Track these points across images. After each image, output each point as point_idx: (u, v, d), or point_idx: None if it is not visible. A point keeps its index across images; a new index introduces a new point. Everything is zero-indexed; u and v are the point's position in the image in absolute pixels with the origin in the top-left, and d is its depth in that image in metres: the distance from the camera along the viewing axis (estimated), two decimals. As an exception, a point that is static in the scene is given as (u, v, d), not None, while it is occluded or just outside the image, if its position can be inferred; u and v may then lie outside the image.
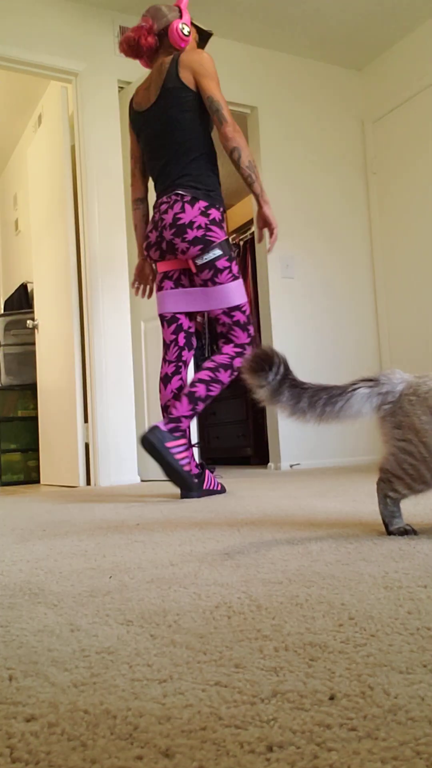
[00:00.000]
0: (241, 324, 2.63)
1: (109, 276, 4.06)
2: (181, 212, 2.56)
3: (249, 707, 0.55)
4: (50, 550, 1.44)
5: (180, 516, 1.96)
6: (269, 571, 1.09)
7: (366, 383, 1.36)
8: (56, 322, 4.28)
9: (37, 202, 4.67)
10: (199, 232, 2.55)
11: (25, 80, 4.87)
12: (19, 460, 4.67)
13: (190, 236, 2.55)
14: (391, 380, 1.36)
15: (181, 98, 2.60)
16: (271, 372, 1.35)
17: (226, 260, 2.58)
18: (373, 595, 0.89)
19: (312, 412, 1.35)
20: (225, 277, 2.59)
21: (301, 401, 1.35)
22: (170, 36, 2.69)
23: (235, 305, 2.62)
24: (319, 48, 4.69)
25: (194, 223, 2.55)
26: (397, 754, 0.46)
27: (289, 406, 1.36)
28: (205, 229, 2.55)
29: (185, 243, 2.56)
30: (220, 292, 2.61)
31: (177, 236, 2.57)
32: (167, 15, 2.72)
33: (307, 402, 1.35)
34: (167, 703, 0.57)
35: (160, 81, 2.64)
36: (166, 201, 2.61)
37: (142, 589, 1.00)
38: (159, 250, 2.66)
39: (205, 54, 2.61)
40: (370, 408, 1.34)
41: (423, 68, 4.49)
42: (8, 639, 0.79)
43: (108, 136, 4.14)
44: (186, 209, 2.56)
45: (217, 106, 2.55)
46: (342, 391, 1.35)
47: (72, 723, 0.54)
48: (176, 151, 2.62)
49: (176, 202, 2.58)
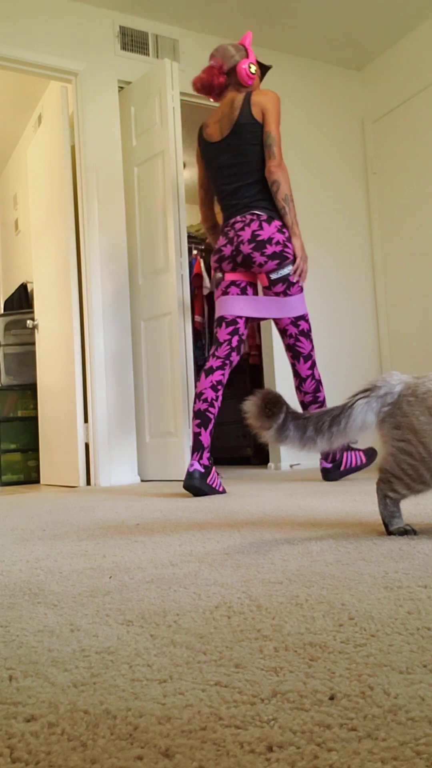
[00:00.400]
0: (305, 332, 2.96)
1: (109, 276, 4.06)
2: (259, 230, 2.86)
3: (249, 707, 0.55)
4: (50, 550, 1.44)
5: (180, 516, 1.96)
6: (269, 571, 1.09)
7: (363, 393, 1.38)
8: (56, 321, 4.28)
9: (37, 201, 4.67)
10: (278, 247, 2.84)
11: (25, 80, 4.87)
12: (19, 460, 4.67)
13: (269, 251, 2.85)
14: (388, 382, 1.37)
15: (252, 132, 2.91)
16: (280, 414, 1.36)
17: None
18: (373, 595, 0.89)
19: (321, 437, 1.36)
20: (295, 290, 2.92)
21: (308, 430, 1.36)
22: (239, 75, 2.97)
23: (300, 314, 2.95)
24: (319, 48, 4.69)
25: (273, 239, 2.85)
26: (398, 754, 0.46)
27: (297, 438, 1.37)
28: (282, 245, 2.85)
29: (264, 257, 2.85)
30: (291, 303, 2.93)
31: (256, 250, 2.86)
32: (234, 55, 3.00)
33: (313, 429, 1.36)
34: (167, 703, 0.57)
35: (233, 116, 2.95)
36: (241, 220, 2.91)
37: (142, 589, 1.00)
38: (232, 263, 2.95)
39: (274, 94, 2.93)
40: (373, 414, 1.35)
41: (423, 68, 4.49)
42: (8, 639, 0.79)
43: (108, 136, 4.14)
44: (264, 227, 2.86)
45: (271, 142, 2.87)
46: (342, 408, 1.37)
47: (72, 723, 0.54)
48: (248, 177, 2.93)
49: (253, 220, 2.88)
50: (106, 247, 4.06)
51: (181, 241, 3.91)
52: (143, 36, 4.27)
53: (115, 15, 4.20)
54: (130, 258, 4.21)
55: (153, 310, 4.06)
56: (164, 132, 3.97)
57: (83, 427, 4.02)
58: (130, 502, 2.53)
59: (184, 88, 4.30)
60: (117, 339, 4.05)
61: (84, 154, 4.07)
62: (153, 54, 4.29)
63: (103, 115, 4.13)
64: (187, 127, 5.47)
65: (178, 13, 4.24)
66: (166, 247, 3.96)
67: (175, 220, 3.91)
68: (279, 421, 1.36)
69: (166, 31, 4.34)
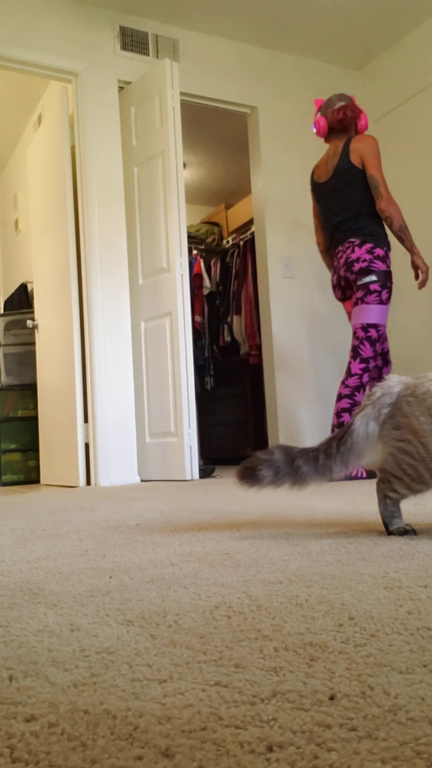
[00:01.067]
0: (372, 340, 3.23)
1: (109, 276, 4.06)
2: (351, 253, 3.27)
3: (249, 707, 0.55)
4: (50, 550, 1.44)
5: (180, 516, 1.96)
6: (269, 571, 1.09)
7: (360, 409, 1.40)
8: (56, 321, 4.28)
9: (37, 201, 4.67)
10: (364, 264, 3.22)
11: (25, 80, 4.87)
12: (19, 460, 4.67)
13: (356, 268, 3.24)
14: (385, 386, 1.38)
15: (351, 176, 3.31)
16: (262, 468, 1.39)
17: (379, 286, 3.21)
18: (373, 595, 0.89)
19: (333, 461, 1.38)
20: (372, 299, 3.21)
21: (319, 460, 1.38)
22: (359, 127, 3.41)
23: (372, 323, 3.22)
24: (319, 48, 4.69)
25: (360, 258, 3.23)
26: (397, 754, 0.46)
27: (313, 471, 1.38)
28: (368, 261, 3.21)
29: (353, 274, 3.26)
30: (364, 310, 3.23)
31: (347, 271, 3.28)
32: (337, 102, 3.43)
33: (324, 457, 1.38)
34: (167, 703, 0.57)
35: (335, 161, 3.36)
36: (342, 249, 3.34)
37: (142, 589, 1.00)
38: (340, 289, 3.41)
39: (371, 139, 3.27)
40: (374, 422, 1.36)
41: (423, 68, 4.49)
42: (8, 639, 0.79)
43: (108, 136, 4.14)
44: (355, 250, 3.26)
45: (375, 184, 3.23)
46: (345, 429, 1.39)
47: (72, 723, 0.54)
48: (347, 213, 3.33)
49: (348, 248, 3.29)
50: (106, 247, 4.06)
51: (181, 241, 3.91)
52: (143, 36, 4.27)
53: (115, 15, 4.20)
54: (130, 258, 4.21)
55: (153, 310, 4.06)
56: (164, 132, 3.97)
57: (83, 427, 4.02)
58: (130, 502, 2.53)
59: (184, 88, 4.30)
60: (117, 339, 4.05)
61: (84, 154, 4.07)
62: (153, 54, 4.29)
63: (103, 115, 4.13)
64: (186, 127, 5.48)
65: (178, 13, 4.24)
66: (166, 247, 3.96)
67: (175, 220, 3.91)
68: (268, 472, 1.39)
69: (166, 31, 4.34)
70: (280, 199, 4.61)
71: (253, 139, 4.66)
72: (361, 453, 1.38)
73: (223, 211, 6.41)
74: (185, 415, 3.84)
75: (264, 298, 4.58)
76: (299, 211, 4.66)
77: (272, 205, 4.58)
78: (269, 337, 4.51)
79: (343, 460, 1.37)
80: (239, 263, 5.52)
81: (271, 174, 4.60)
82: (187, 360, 3.88)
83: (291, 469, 1.38)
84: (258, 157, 4.60)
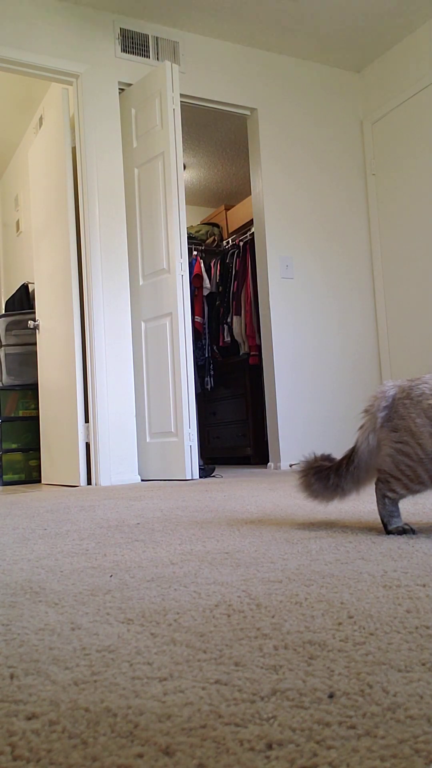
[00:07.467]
0: None
1: (110, 276, 4.06)
2: None
3: (249, 705, 0.55)
4: (51, 549, 1.44)
5: (180, 515, 1.97)
6: (269, 570, 1.09)
7: (360, 425, 1.44)
8: (57, 322, 4.28)
9: (38, 203, 4.67)
10: None
11: (27, 82, 4.87)
12: (20, 460, 4.67)
13: None
14: (379, 392, 1.42)
15: None
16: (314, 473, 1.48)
17: None
18: (372, 594, 0.90)
19: (344, 479, 1.43)
20: None
21: (330, 479, 1.44)
22: None
23: None
24: (319, 50, 4.70)
25: None
26: (396, 752, 0.46)
27: (323, 488, 1.45)
28: None
29: None
30: None
31: None
32: None
33: (334, 476, 1.44)
34: (167, 701, 0.57)
35: None
36: None
37: (143, 588, 1.01)
38: None
39: None
40: (374, 435, 1.40)
41: (421, 70, 4.49)
42: (9, 637, 0.79)
43: (108, 138, 4.14)
44: None
45: None
46: (351, 448, 1.43)
47: (73, 721, 0.54)
48: None
49: None
50: (107, 248, 4.06)
51: (181, 241, 3.91)
52: (144, 38, 4.27)
53: (116, 17, 4.21)
54: (131, 259, 4.21)
55: (153, 311, 4.06)
56: (164, 134, 3.97)
57: (84, 426, 4.02)
58: (131, 502, 2.54)
59: (185, 90, 4.30)
60: (118, 339, 4.05)
61: (85, 155, 4.07)
62: (153, 56, 4.29)
63: (103, 117, 4.13)
64: (186, 128, 5.48)
65: (178, 16, 4.24)
66: (166, 248, 3.97)
67: (175, 221, 3.91)
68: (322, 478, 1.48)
69: (166, 34, 4.35)
70: (279, 200, 4.61)
71: (253, 140, 4.67)
72: (369, 467, 1.41)
73: (223, 212, 6.41)
74: (185, 415, 3.84)
75: (264, 299, 4.58)
76: (299, 212, 4.67)
77: (272, 206, 4.58)
78: (269, 338, 4.52)
79: (355, 479, 1.42)
80: (239, 264, 5.52)
81: (270, 175, 4.61)
82: (188, 360, 3.88)
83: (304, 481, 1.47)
84: (258, 159, 4.61)
